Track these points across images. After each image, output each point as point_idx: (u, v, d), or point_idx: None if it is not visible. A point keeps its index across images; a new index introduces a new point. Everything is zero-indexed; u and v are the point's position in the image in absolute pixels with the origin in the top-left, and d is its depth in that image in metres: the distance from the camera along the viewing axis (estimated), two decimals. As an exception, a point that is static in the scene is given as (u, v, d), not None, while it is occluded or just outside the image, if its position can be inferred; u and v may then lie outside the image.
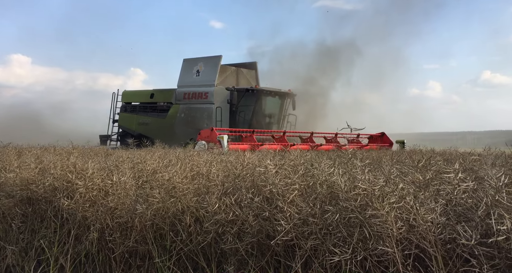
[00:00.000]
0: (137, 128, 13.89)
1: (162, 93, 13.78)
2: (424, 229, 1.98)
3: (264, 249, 2.45)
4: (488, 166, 2.89)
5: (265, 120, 12.50)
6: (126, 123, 14.43)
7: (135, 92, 15.08)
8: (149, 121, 13.69)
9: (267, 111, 12.63)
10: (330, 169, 2.58)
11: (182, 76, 13.17)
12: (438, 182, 2.31)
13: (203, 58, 12.92)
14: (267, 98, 12.47)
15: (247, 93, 11.91)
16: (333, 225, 2.20)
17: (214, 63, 12.58)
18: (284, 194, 2.44)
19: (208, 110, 12.31)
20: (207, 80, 12.45)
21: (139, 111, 14.08)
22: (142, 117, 13.88)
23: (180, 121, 12.81)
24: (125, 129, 14.43)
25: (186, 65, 13.17)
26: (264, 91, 12.23)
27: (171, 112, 13.10)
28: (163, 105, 13.60)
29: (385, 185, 2.24)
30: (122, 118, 14.59)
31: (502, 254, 1.69)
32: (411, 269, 1.93)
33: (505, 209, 1.82)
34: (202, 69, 12.72)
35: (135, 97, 14.73)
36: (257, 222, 2.47)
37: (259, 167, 2.75)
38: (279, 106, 12.75)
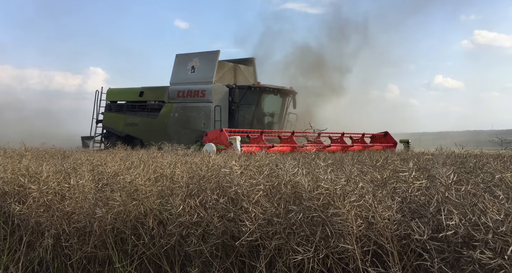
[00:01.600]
0: (124, 129, 12.74)
1: (153, 91, 12.60)
2: (382, 226, 2.07)
3: (229, 250, 2.44)
4: (440, 164, 3.08)
5: (267, 120, 11.74)
6: (111, 123, 13.18)
7: (121, 90, 13.78)
8: (138, 122, 12.54)
9: (269, 110, 11.83)
10: (294, 169, 2.61)
11: (175, 73, 12.05)
12: (395, 180, 2.42)
13: (199, 54, 11.88)
14: (269, 96, 11.61)
15: (249, 91, 11.04)
16: (297, 224, 2.24)
17: (211, 58, 11.52)
18: (249, 194, 2.44)
19: (205, 109, 11.26)
20: (204, 77, 11.44)
21: (126, 111, 12.89)
22: (130, 117, 12.70)
23: (174, 121, 11.72)
24: (110, 130, 13.20)
25: (179, 61, 12.06)
26: (267, 88, 11.35)
27: (164, 112, 11.96)
28: (154, 104, 12.50)
29: (346, 184, 2.31)
30: (107, 118, 13.32)
31: (451, 247, 1.80)
32: (369, 265, 2.00)
33: (454, 205, 1.94)
34: (198, 65, 11.67)
35: (121, 96, 13.52)
36: (222, 223, 2.45)
37: (225, 168, 2.73)
38: (280, 105, 11.91)
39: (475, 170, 2.85)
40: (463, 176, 2.60)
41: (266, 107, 11.71)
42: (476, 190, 2.11)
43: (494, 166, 2.80)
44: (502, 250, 1.57)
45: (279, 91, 11.69)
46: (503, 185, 2.10)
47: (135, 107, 12.75)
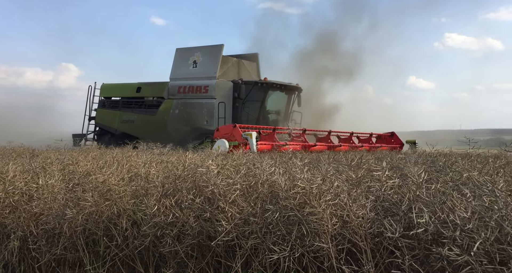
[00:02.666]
0: (119, 126, 12.00)
1: (151, 87, 11.91)
2: (356, 224, 2.10)
3: (205, 250, 2.41)
4: (411, 164, 3.17)
5: (272, 117, 11.15)
6: (105, 120, 12.44)
7: (116, 85, 12.99)
8: (135, 119, 11.81)
9: (275, 107, 11.26)
10: (271, 169, 2.61)
11: (175, 67, 11.37)
12: (369, 179, 2.46)
13: (201, 48, 11.27)
14: (275, 93, 11.04)
15: (255, 87, 10.47)
16: (273, 224, 2.24)
17: (215, 53, 10.85)
18: (226, 194, 2.42)
19: (208, 105, 10.58)
20: (207, 72, 10.76)
21: (122, 107, 12.12)
22: (126, 114, 11.97)
23: (174, 118, 11.04)
24: (103, 127, 12.50)
25: (180, 56, 11.40)
26: (274, 84, 10.77)
27: (163, 108, 11.27)
28: (153, 101, 11.80)
29: (322, 183, 2.33)
30: (101, 115, 12.56)
31: (421, 245, 1.85)
32: (344, 263, 2.03)
33: (424, 203, 2.00)
34: (200, 60, 11.00)
35: (116, 91, 12.74)
36: (198, 223, 2.42)
37: (201, 167, 2.69)
38: (285, 102, 11.37)
39: (444, 168, 2.95)
40: (433, 174, 2.69)
41: (272, 104, 11.15)
42: (445, 188, 2.18)
43: (462, 165, 2.91)
44: (469, 247, 1.63)
45: (285, 88, 11.15)
46: (470, 183, 2.18)
47: (132, 104, 12.06)
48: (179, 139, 9.96)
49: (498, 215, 1.69)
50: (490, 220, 1.68)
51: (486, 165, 2.65)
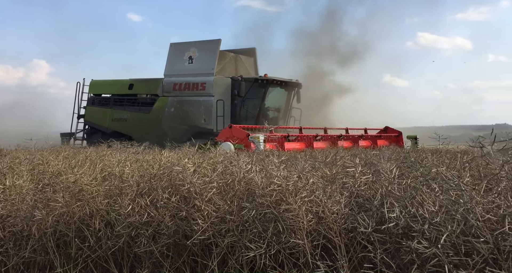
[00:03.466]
0: (111, 125, 11.48)
1: (144, 84, 11.41)
2: (331, 220, 2.13)
3: (181, 250, 2.39)
4: (385, 160, 3.26)
5: (272, 115, 10.71)
6: (95, 119, 11.87)
7: (107, 82, 12.37)
8: (127, 117, 11.29)
9: (275, 104, 10.86)
10: (248, 166, 2.61)
11: (170, 63, 10.83)
12: (343, 175, 2.51)
13: (197, 43, 10.75)
14: (275, 90, 10.64)
15: (256, 84, 10.06)
16: (250, 221, 2.24)
17: (212, 48, 10.39)
18: (202, 192, 2.40)
19: (205, 103, 10.16)
20: (204, 68, 10.30)
21: (113, 105, 11.58)
22: (117, 112, 11.43)
23: (170, 116, 10.58)
24: (93, 126, 11.91)
25: (174, 51, 10.86)
26: (275, 81, 10.37)
27: (158, 106, 10.82)
28: (146, 98, 11.34)
29: (298, 181, 2.35)
30: (90, 113, 11.99)
31: (392, 238, 1.91)
32: (319, 258, 2.06)
33: (396, 198, 2.05)
34: (196, 56, 10.51)
35: (107, 88, 12.18)
36: (173, 222, 2.39)
37: (177, 166, 2.65)
38: (285, 99, 10.97)
39: (415, 164, 3.05)
40: (405, 170, 2.77)
41: (272, 101, 10.75)
42: (416, 183, 2.25)
43: (431, 160, 3.02)
44: (437, 240, 1.69)
45: (286, 84, 10.75)
46: (439, 178, 2.26)
47: (124, 101, 11.52)
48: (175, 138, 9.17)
49: (463, 208, 1.76)
50: (456, 213, 1.75)
51: (454, 160, 2.76)
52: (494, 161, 2.25)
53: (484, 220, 1.68)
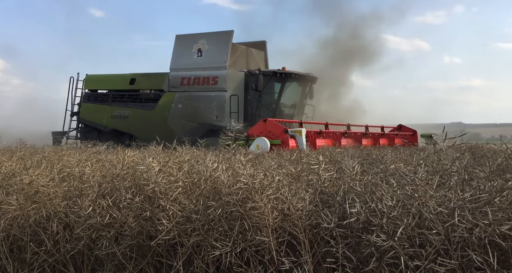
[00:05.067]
0: (110, 122, 10.71)
1: (148, 78, 10.65)
2: (296, 217, 2.17)
3: (145, 251, 2.34)
4: (348, 157, 3.37)
5: (286, 111, 10.11)
6: (91, 116, 11.07)
7: (104, 77, 11.53)
8: (128, 114, 10.51)
9: (291, 99, 10.24)
10: (214, 165, 2.59)
11: (176, 56, 10.13)
12: (308, 173, 2.56)
13: (206, 34, 10.00)
14: (292, 84, 10.05)
15: (273, 78, 9.44)
16: (216, 220, 2.23)
17: (224, 40, 9.68)
18: (167, 192, 2.36)
19: (218, 99, 9.42)
20: (216, 61, 9.60)
21: (112, 101, 10.82)
22: (118, 108, 10.64)
23: (177, 113, 9.82)
24: (89, 124, 11.14)
25: (181, 43, 10.18)
26: (293, 75, 9.76)
27: (163, 102, 10.05)
28: (150, 94, 10.61)
29: (264, 178, 2.36)
30: (86, 110, 11.17)
31: (353, 233, 1.98)
32: (284, 255, 2.09)
33: (357, 194, 2.13)
34: (206, 48, 9.80)
35: (104, 84, 11.37)
36: (137, 223, 2.33)
37: (141, 165, 2.58)
38: (300, 94, 10.34)
39: (375, 161, 3.18)
40: (367, 167, 2.88)
41: (288, 97, 10.13)
42: (376, 179, 2.34)
43: (390, 157, 3.16)
44: (394, 233, 1.77)
45: (303, 78, 10.14)
46: (397, 174, 2.37)
47: (125, 97, 10.75)
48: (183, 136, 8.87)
49: (418, 202, 1.86)
50: (411, 207, 1.85)
51: (410, 157, 2.91)
52: (447, 156, 2.40)
53: (436, 213, 1.78)
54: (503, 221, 1.63)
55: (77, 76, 11.40)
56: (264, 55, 11.18)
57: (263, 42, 11.31)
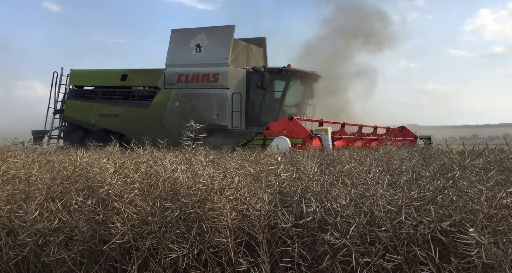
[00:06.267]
0: (98, 121, 10.03)
1: (141, 75, 10.08)
2: (255, 217, 2.18)
3: (98, 256, 2.25)
4: (307, 158, 3.44)
5: (288, 110, 9.60)
6: (77, 114, 10.29)
7: (92, 72, 10.81)
8: (119, 112, 9.89)
9: (295, 98, 9.85)
10: (173, 166, 2.54)
11: (172, 52, 9.61)
12: (267, 173, 2.58)
13: (206, 29, 9.53)
14: (296, 83, 9.64)
15: (278, 75, 9.02)
16: (173, 222, 2.19)
17: (225, 35, 9.25)
18: (123, 194, 2.28)
19: (219, 97, 8.99)
20: (216, 57, 9.12)
21: (101, 99, 10.15)
22: (107, 106, 9.98)
23: (174, 112, 9.30)
24: (75, 122, 10.36)
25: (177, 38, 9.67)
26: (298, 72, 9.39)
27: (158, 100, 9.53)
28: (144, 91, 10.08)
29: (223, 179, 2.35)
30: (71, 107, 10.37)
31: (309, 232, 2.03)
32: (242, 255, 2.09)
33: (314, 194, 2.18)
34: (205, 43, 9.30)
35: (92, 79, 10.63)
36: (89, 227, 2.24)
37: (95, 166, 2.47)
38: (302, 93, 9.96)
39: (333, 161, 3.28)
40: (324, 167, 2.96)
41: (292, 95, 9.73)
42: (332, 179, 2.42)
43: (346, 158, 3.29)
44: (346, 231, 1.83)
45: (308, 76, 9.74)
46: (351, 174, 2.46)
47: (115, 94, 10.09)
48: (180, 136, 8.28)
49: (369, 201, 1.94)
50: (363, 206, 1.92)
51: (365, 157, 3.05)
52: (397, 157, 2.53)
53: (386, 211, 1.87)
54: (444, 218, 1.74)
55: (61, 71, 10.76)
56: (263, 52, 10.82)
57: (262, 39, 10.92)
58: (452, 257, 1.68)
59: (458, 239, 1.62)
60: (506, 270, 1.46)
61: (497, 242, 1.54)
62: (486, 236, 1.55)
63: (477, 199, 1.74)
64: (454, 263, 1.65)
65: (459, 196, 1.82)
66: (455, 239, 1.65)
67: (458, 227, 1.70)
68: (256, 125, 8.89)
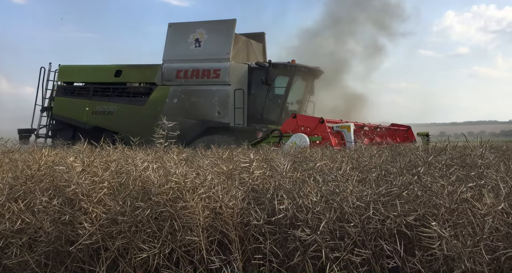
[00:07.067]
0: (90, 119, 9.54)
1: (137, 71, 9.64)
2: (227, 215, 2.17)
3: (64, 257, 2.18)
4: (280, 155, 3.47)
5: (292, 108, 9.33)
6: (67, 112, 9.74)
7: (83, 68, 10.24)
8: (113, 110, 9.42)
9: (297, 95, 9.54)
10: (144, 164, 2.48)
11: (170, 47, 9.23)
12: (240, 171, 2.58)
13: (205, 23, 9.20)
14: (298, 79, 9.33)
15: (281, 72, 8.74)
16: (144, 221, 2.15)
17: (226, 30, 8.93)
18: (91, 193, 2.21)
19: (220, 93, 8.65)
20: (217, 52, 8.79)
21: (94, 95, 9.66)
22: (100, 103, 9.50)
23: (172, 109, 8.86)
24: (65, 120, 9.84)
25: (175, 32, 9.28)
26: (303, 68, 9.08)
27: (155, 97, 9.11)
28: (140, 87, 9.64)
29: (196, 177, 2.32)
30: (60, 105, 9.81)
31: (281, 229, 2.05)
32: (214, 253, 2.09)
33: (286, 191, 2.21)
34: (205, 38, 8.96)
35: (84, 75, 10.09)
36: (55, 228, 2.16)
37: (61, 165, 2.38)
38: (303, 90, 9.63)
39: (305, 159, 3.32)
40: (298, 164, 2.99)
41: (295, 91, 9.41)
42: (304, 176, 2.45)
43: (319, 156, 3.35)
44: (317, 227, 1.87)
45: (311, 72, 9.44)
46: (323, 171, 2.50)
47: (109, 91, 9.63)
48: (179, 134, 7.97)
49: (340, 197, 1.98)
50: (333, 202, 1.96)
51: (336, 154, 3.12)
52: (367, 154, 2.60)
53: (355, 206, 1.92)
54: (409, 212, 1.81)
55: (49, 66, 10.19)
56: (262, 48, 10.48)
57: (261, 34, 10.60)
58: (417, 250, 1.75)
59: (421, 233, 1.69)
60: (465, 261, 1.54)
61: (457, 235, 1.61)
62: (447, 229, 1.62)
63: (439, 193, 1.82)
64: (418, 256, 1.72)
65: (424, 191, 1.90)
66: (419, 232, 1.72)
67: (422, 221, 1.78)
68: (259, 123, 8.76)
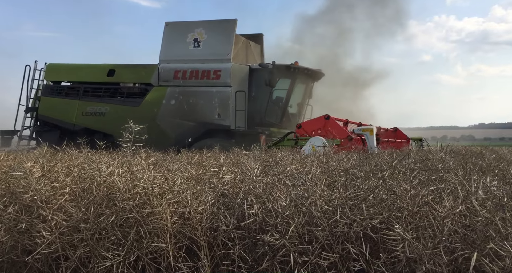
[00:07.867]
0: (80, 120, 9.16)
1: (131, 70, 9.26)
2: (196, 221, 2.13)
3: (20, 267, 2.06)
4: (251, 159, 3.47)
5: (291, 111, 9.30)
6: (54, 112, 9.30)
7: (73, 66, 9.75)
8: (105, 111, 9.04)
9: (297, 98, 9.44)
10: (109, 169, 2.39)
11: (167, 46, 8.96)
12: (210, 175, 2.55)
13: (204, 23, 8.96)
14: (299, 81, 9.21)
15: (284, 74, 8.65)
16: (108, 228, 2.06)
17: (226, 30, 8.75)
18: (50, 200, 2.10)
19: (221, 95, 8.45)
20: (218, 53, 8.62)
21: (84, 96, 9.24)
22: (91, 104, 9.11)
23: (169, 110, 8.63)
24: (52, 121, 9.38)
25: (173, 32, 9.01)
26: (306, 70, 9.00)
27: (151, 98, 8.76)
28: (134, 88, 9.26)
29: (164, 182, 2.27)
30: (47, 105, 9.37)
31: (250, 234, 2.04)
32: (182, 260, 2.04)
33: (256, 196, 2.20)
34: (205, 38, 8.75)
35: (73, 75, 9.65)
36: (10, 237, 2.02)
37: (18, 170, 2.24)
38: (303, 92, 9.56)
39: (276, 163, 3.34)
40: (268, 168, 3.00)
41: (296, 94, 9.32)
42: (274, 180, 2.45)
43: (289, 160, 3.38)
44: (286, 231, 1.87)
45: (315, 74, 9.41)
46: (293, 175, 2.52)
47: (101, 91, 9.25)
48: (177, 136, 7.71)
49: (308, 201, 2.00)
50: (302, 206, 1.97)
51: (305, 158, 3.16)
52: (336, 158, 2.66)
53: (323, 210, 1.94)
54: (375, 216, 1.86)
55: (35, 65, 9.67)
56: (260, 49, 10.47)
57: (260, 35, 10.57)
58: (381, 253, 1.80)
59: (386, 236, 1.73)
60: (425, 262, 1.60)
61: (419, 237, 1.67)
62: (409, 232, 1.68)
63: (403, 197, 1.88)
64: (383, 259, 1.76)
65: (388, 194, 1.96)
66: (383, 235, 1.77)
67: (386, 224, 1.83)
68: (260, 126, 8.70)
